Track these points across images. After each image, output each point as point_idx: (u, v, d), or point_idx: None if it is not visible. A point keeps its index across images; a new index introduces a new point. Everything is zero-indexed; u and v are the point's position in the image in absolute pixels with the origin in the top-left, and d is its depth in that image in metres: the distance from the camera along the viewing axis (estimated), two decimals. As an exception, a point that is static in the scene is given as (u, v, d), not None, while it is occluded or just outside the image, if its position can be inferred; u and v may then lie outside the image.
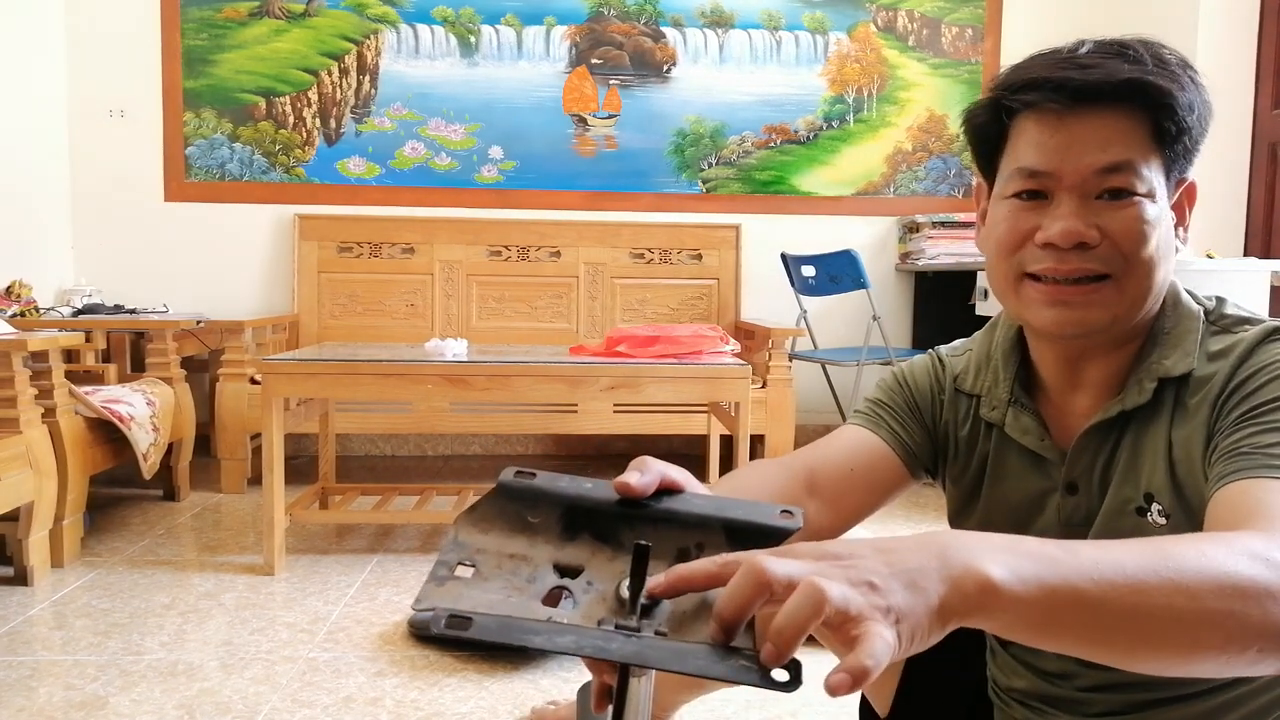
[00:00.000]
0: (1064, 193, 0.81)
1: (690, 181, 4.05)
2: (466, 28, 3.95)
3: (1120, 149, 0.80)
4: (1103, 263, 0.81)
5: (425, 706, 1.68)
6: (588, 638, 0.50)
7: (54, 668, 1.82)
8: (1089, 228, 0.80)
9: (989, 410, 0.96)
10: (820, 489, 0.94)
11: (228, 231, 3.92)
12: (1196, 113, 0.82)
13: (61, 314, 3.34)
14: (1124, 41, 0.83)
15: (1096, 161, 0.80)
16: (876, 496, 0.97)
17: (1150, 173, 0.81)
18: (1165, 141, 0.81)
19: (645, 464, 0.64)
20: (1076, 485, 0.89)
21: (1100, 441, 0.88)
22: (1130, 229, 0.80)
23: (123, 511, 2.98)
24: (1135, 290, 0.82)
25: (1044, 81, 0.81)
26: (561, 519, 0.61)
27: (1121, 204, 0.80)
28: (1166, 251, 0.83)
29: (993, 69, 4.09)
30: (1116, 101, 0.80)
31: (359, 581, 2.35)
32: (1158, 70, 0.81)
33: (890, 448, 0.98)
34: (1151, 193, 0.81)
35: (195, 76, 3.87)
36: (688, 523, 0.61)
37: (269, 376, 2.36)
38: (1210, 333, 0.86)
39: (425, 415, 3.32)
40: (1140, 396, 0.85)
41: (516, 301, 3.94)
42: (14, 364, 2.24)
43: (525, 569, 0.58)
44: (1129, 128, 0.80)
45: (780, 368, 3.32)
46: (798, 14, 4.04)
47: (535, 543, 0.60)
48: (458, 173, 3.98)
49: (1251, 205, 3.51)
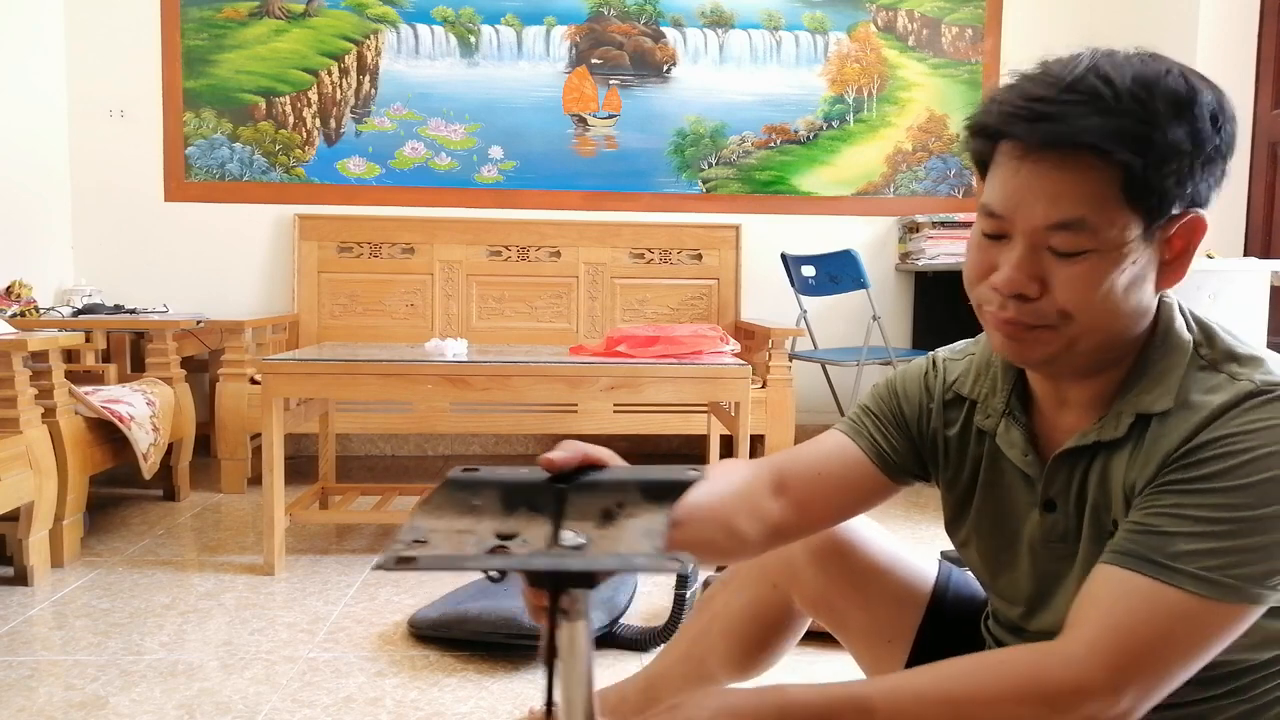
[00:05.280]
0: (1018, 237, 0.80)
1: (690, 181, 4.05)
2: (466, 28, 3.95)
3: (1071, 204, 0.76)
4: (1038, 317, 0.81)
5: (425, 706, 1.68)
6: (515, 560, 0.61)
7: (54, 668, 1.82)
8: (1030, 280, 0.79)
9: (983, 418, 0.96)
10: (788, 489, 0.98)
11: (228, 231, 3.92)
12: (1186, 155, 0.75)
13: (61, 314, 3.34)
14: (1108, 78, 0.75)
15: (1045, 217, 0.78)
16: (849, 500, 1.01)
17: (1111, 226, 0.77)
18: (1138, 191, 0.76)
19: (567, 444, 0.77)
20: (1054, 504, 0.90)
21: (1073, 466, 0.88)
22: (1072, 287, 0.78)
23: (123, 511, 2.98)
24: (1077, 338, 0.81)
25: (1011, 118, 0.78)
26: (501, 499, 0.70)
27: (1068, 261, 0.78)
28: (1129, 300, 0.80)
29: (993, 69, 4.09)
30: (1080, 149, 0.75)
31: (359, 581, 2.35)
32: (1133, 119, 0.74)
33: (866, 455, 1.00)
34: (1115, 245, 0.77)
35: (195, 76, 3.87)
36: (608, 488, 0.72)
37: (269, 376, 2.36)
38: (1197, 366, 0.83)
39: (425, 415, 3.32)
40: (1116, 430, 0.84)
41: (516, 302, 3.94)
42: (14, 364, 2.24)
43: (471, 538, 0.65)
44: (1090, 179, 0.76)
45: (780, 368, 3.32)
46: (798, 14, 4.04)
47: (480, 519, 0.68)
48: (458, 173, 3.98)
49: (1251, 205, 3.51)
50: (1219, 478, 0.76)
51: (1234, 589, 0.74)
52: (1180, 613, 0.74)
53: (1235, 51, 3.50)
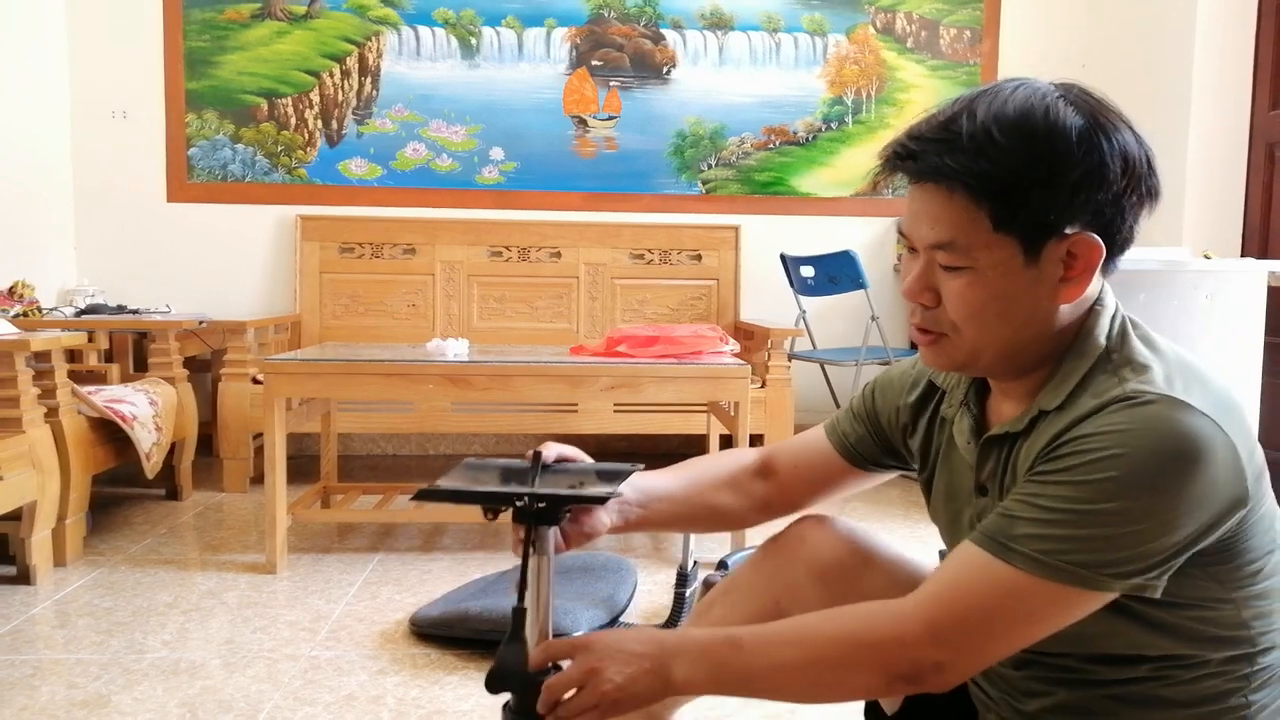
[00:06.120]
0: (919, 253, 0.90)
1: (690, 182, 4.07)
2: (467, 29, 3.96)
3: (945, 228, 0.86)
4: (934, 324, 0.91)
5: (426, 704, 1.69)
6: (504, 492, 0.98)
7: (57, 666, 1.83)
8: (924, 289, 0.90)
9: (947, 407, 1.04)
10: (774, 474, 1.18)
11: (230, 232, 3.93)
12: (1041, 182, 0.82)
13: (64, 314, 3.35)
14: (971, 116, 0.84)
15: (926, 237, 0.88)
16: (823, 486, 1.18)
17: (984, 248, 0.85)
18: (1002, 218, 0.83)
19: (548, 445, 1.08)
20: (986, 488, 0.97)
21: (995, 453, 0.95)
22: (956, 299, 0.88)
23: (125, 511, 2.99)
24: (970, 347, 0.90)
25: (893, 153, 0.89)
26: (499, 476, 1.04)
27: (951, 275, 0.87)
28: (1016, 314, 0.87)
29: (991, 70, 4.10)
30: (943, 181, 0.84)
31: (360, 580, 2.36)
32: (972, 156, 0.82)
33: (834, 448, 1.16)
34: (990, 265, 0.85)
35: (197, 78, 3.88)
36: (574, 471, 1.06)
37: (271, 376, 2.37)
38: (1104, 370, 0.87)
39: (426, 415, 3.33)
40: (1017, 425, 0.92)
41: (517, 302, 3.95)
42: (17, 364, 2.25)
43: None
44: (960, 207, 0.84)
45: (779, 368, 3.33)
46: (797, 16, 4.05)
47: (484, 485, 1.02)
48: (459, 174, 3.99)
49: (1249, 205, 3.52)
50: (1069, 472, 0.82)
51: (1063, 570, 0.80)
52: (1007, 586, 0.82)
53: (1233, 52, 3.50)
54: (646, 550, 2.65)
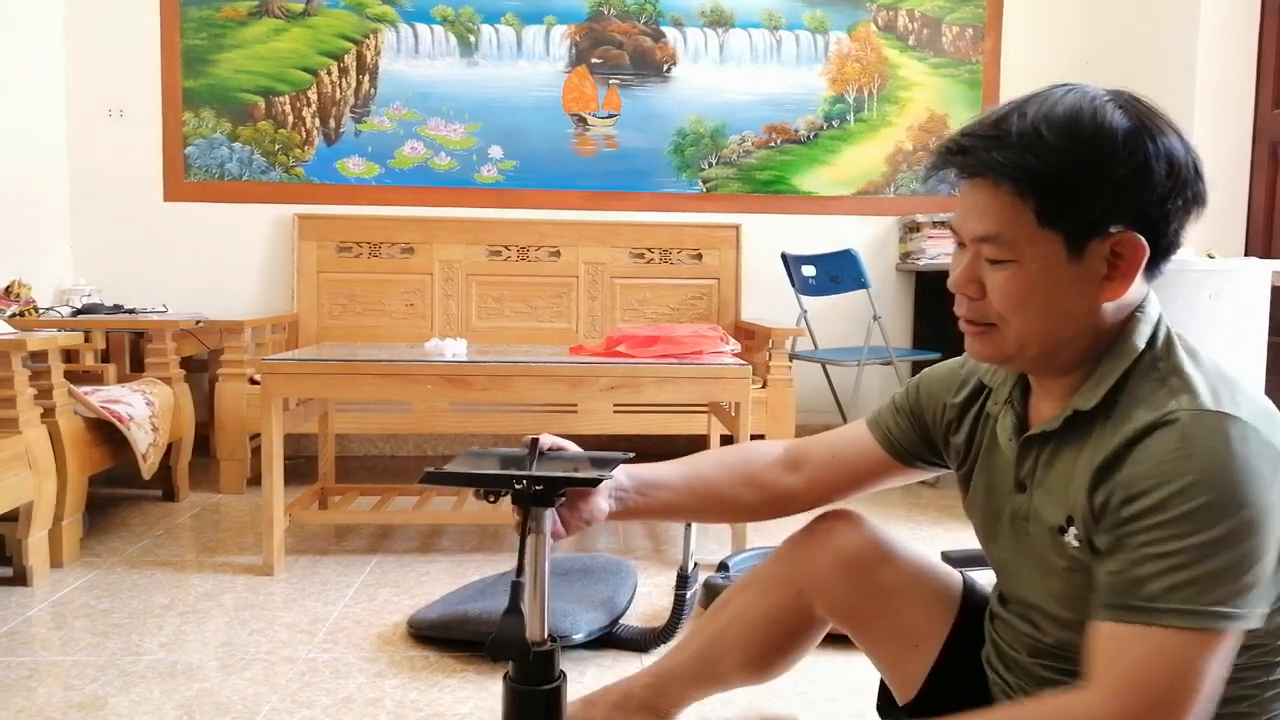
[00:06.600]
0: (967, 245, 0.93)
1: (690, 181, 4.05)
2: (466, 27, 3.94)
3: (992, 222, 0.88)
4: (980, 315, 0.93)
5: (425, 707, 1.67)
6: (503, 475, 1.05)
7: (53, 668, 1.81)
8: (970, 281, 0.92)
9: (992, 404, 1.05)
10: (803, 466, 1.19)
11: (227, 231, 3.92)
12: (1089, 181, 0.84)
13: (60, 314, 3.33)
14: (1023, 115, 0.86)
15: (974, 230, 0.90)
16: (861, 478, 1.19)
17: (1028, 243, 0.87)
18: (1047, 213, 0.85)
19: (544, 436, 1.15)
20: (1025, 485, 0.98)
21: (1036, 451, 0.97)
22: (999, 291, 0.90)
23: (122, 512, 2.98)
24: (1016, 339, 0.91)
25: (945, 149, 0.91)
26: (499, 462, 1.12)
27: (996, 269, 0.90)
28: (1057, 308, 0.89)
29: (993, 69, 4.09)
30: (991, 176, 0.87)
31: (358, 582, 2.35)
32: (1020, 152, 0.84)
33: (877, 442, 1.17)
34: (1034, 259, 0.87)
35: (194, 76, 3.87)
36: (569, 458, 1.15)
37: (268, 376, 2.36)
38: (1146, 375, 0.89)
39: (425, 415, 3.32)
40: (1053, 424, 0.94)
41: (516, 301, 3.94)
42: (13, 364, 2.24)
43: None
44: (1006, 203, 0.87)
45: (780, 368, 3.32)
46: (798, 13, 4.04)
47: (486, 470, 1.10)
48: (457, 172, 3.98)
49: (1252, 205, 3.51)
50: (1158, 511, 0.81)
51: (1209, 615, 0.78)
52: (1172, 650, 0.79)
53: (1235, 51, 3.49)
54: (646, 552, 2.63)
